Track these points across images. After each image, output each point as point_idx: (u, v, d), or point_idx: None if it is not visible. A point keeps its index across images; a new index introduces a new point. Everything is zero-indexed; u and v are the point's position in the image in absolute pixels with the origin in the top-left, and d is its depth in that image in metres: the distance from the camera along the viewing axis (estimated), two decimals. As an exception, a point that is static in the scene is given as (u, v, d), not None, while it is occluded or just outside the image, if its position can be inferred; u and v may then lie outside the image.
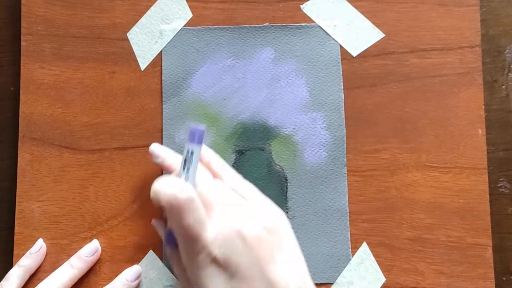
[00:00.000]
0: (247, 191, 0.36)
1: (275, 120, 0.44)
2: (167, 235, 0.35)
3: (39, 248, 0.42)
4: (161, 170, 0.43)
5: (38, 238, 0.42)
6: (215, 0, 0.45)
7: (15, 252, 0.42)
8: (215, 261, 0.32)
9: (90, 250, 0.42)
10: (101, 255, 0.42)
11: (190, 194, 0.32)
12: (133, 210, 0.43)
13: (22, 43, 0.44)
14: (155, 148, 0.40)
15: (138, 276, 0.42)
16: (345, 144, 0.43)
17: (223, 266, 0.32)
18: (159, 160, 0.39)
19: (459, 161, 0.43)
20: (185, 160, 0.34)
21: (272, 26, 0.44)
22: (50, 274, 0.41)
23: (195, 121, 0.43)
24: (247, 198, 0.36)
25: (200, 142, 0.34)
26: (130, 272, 0.41)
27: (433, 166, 0.43)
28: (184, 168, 0.34)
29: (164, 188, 0.33)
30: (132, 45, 0.44)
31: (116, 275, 0.42)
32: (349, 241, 0.42)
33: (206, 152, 0.38)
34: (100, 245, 0.42)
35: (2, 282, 0.40)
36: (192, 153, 0.33)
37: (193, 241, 0.32)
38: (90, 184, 0.43)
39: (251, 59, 0.44)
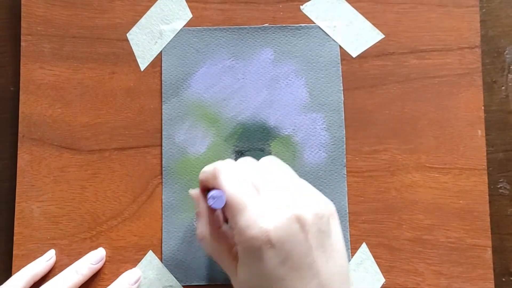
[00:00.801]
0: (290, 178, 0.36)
1: (275, 121, 0.44)
2: (212, 195, 0.34)
3: (49, 257, 0.42)
4: (160, 170, 0.43)
5: (38, 238, 0.42)
6: (215, 0, 0.45)
7: (14, 252, 0.42)
8: (270, 243, 0.30)
9: (96, 258, 0.42)
10: (100, 255, 0.42)
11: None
12: (133, 210, 0.43)
13: (22, 43, 0.44)
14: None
15: (138, 280, 0.42)
16: (344, 145, 0.43)
17: (276, 249, 0.31)
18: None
19: (459, 162, 0.43)
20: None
21: (272, 26, 0.44)
22: (50, 274, 0.41)
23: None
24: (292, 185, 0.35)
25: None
26: (130, 276, 0.41)
27: (433, 167, 0.43)
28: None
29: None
30: (132, 46, 0.44)
31: (116, 276, 0.42)
32: (349, 242, 0.42)
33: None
34: (100, 246, 0.42)
35: (7, 282, 0.40)
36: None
37: (251, 225, 0.31)
38: (89, 185, 0.43)
39: (250, 60, 0.44)
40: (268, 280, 0.31)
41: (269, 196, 0.33)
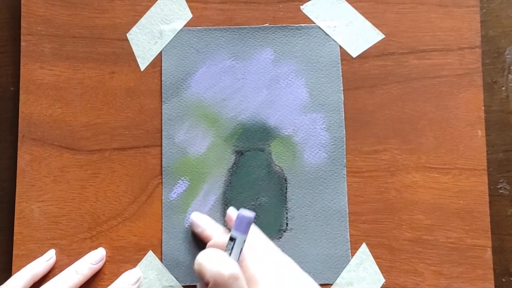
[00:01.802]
0: (286, 268, 0.37)
1: (275, 121, 0.44)
2: None
3: (49, 257, 0.42)
4: (160, 170, 0.43)
5: (38, 238, 0.42)
6: (215, 0, 0.45)
7: (14, 252, 0.42)
8: None
9: (96, 258, 0.42)
10: (100, 255, 0.42)
11: (235, 271, 0.32)
12: (133, 210, 0.43)
13: (22, 43, 0.44)
14: (196, 217, 0.41)
15: (138, 280, 0.42)
16: (344, 145, 0.43)
17: None
18: (199, 229, 0.41)
19: (459, 162, 0.43)
20: (230, 240, 0.34)
21: (272, 26, 0.44)
22: (50, 274, 0.41)
23: (245, 208, 0.42)
24: (284, 275, 0.36)
25: (245, 232, 0.34)
26: (130, 276, 0.41)
27: (433, 167, 0.43)
28: (228, 248, 0.34)
29: (209, 261, 0.33)
30: (132, 46, 0.44)
31: (116, 276, 0.42)
32: (349, 242, 0.42)
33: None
34: (100, 246, 0.42)
35: (7, 282, 0.40)
36: (235, 239, 0.34)
37: None
38: (89, 185, 0.43)
39: (251, 60, 0.44)
40: None
41: None
